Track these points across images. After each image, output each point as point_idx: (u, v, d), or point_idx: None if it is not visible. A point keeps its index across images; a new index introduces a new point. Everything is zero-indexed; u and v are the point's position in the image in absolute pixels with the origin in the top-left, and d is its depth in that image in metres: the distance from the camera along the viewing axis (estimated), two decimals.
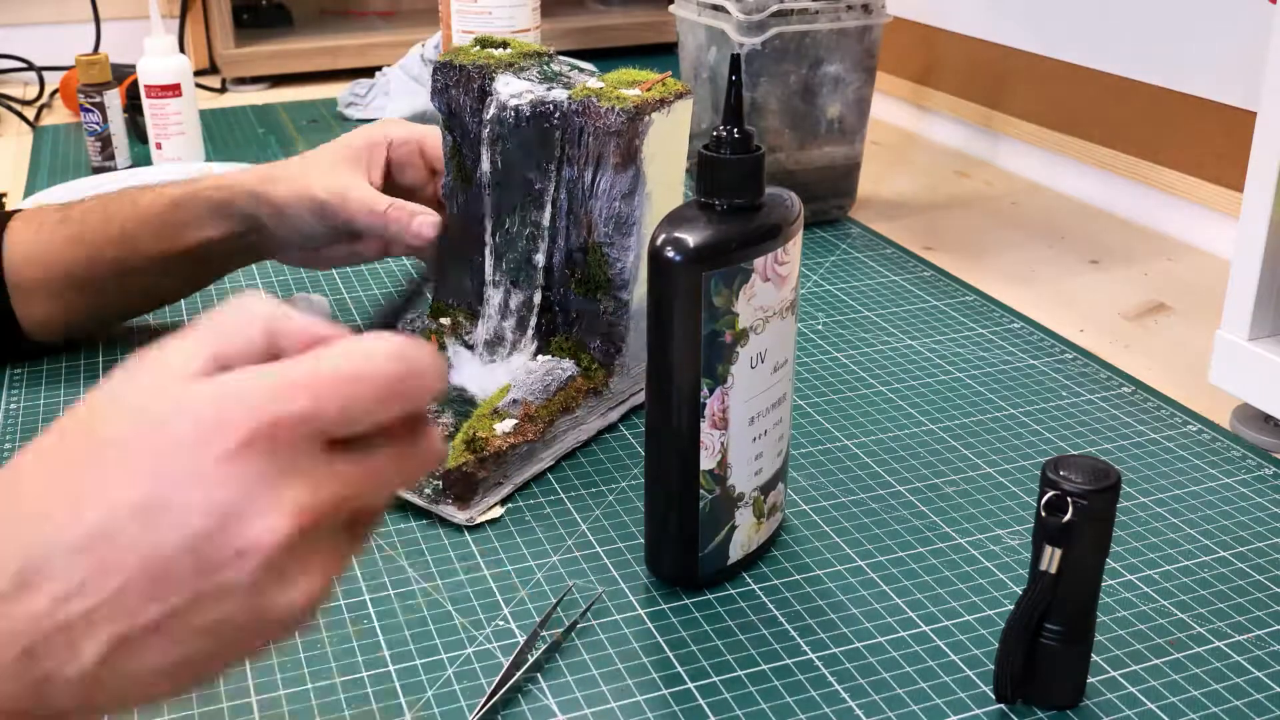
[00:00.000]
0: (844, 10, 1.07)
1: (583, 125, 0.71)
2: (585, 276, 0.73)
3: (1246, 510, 0.69)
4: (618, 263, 0.72)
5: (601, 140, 0.70)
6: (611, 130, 0.70)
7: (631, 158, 0.70)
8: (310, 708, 0.54)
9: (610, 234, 0.72)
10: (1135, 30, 1.14)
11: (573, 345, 0.75)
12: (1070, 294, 1.00)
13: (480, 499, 0.67)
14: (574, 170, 0.72)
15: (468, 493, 0.66)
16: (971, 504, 0.69)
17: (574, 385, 0.73)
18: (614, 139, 0.70)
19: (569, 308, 0.75)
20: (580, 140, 0.71)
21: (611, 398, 0.75)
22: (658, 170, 0.71)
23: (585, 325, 0.75)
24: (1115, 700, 0.54)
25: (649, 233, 0.70)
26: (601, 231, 0.72)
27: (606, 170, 0.71)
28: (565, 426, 0.72)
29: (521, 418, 0.69)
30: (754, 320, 0.57)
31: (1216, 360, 0.78)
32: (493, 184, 0.76)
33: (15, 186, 1.26)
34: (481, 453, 0.67)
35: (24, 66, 1.63)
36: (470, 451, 0.67)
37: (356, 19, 1.87)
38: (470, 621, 0.59)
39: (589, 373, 0.74)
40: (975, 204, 1.23)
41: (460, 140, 0.77)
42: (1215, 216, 1.09)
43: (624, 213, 0.71)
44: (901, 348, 0.89)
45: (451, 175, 0.78)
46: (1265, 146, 0.73)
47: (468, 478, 0.66)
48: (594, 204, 0.72)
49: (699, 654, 0.57)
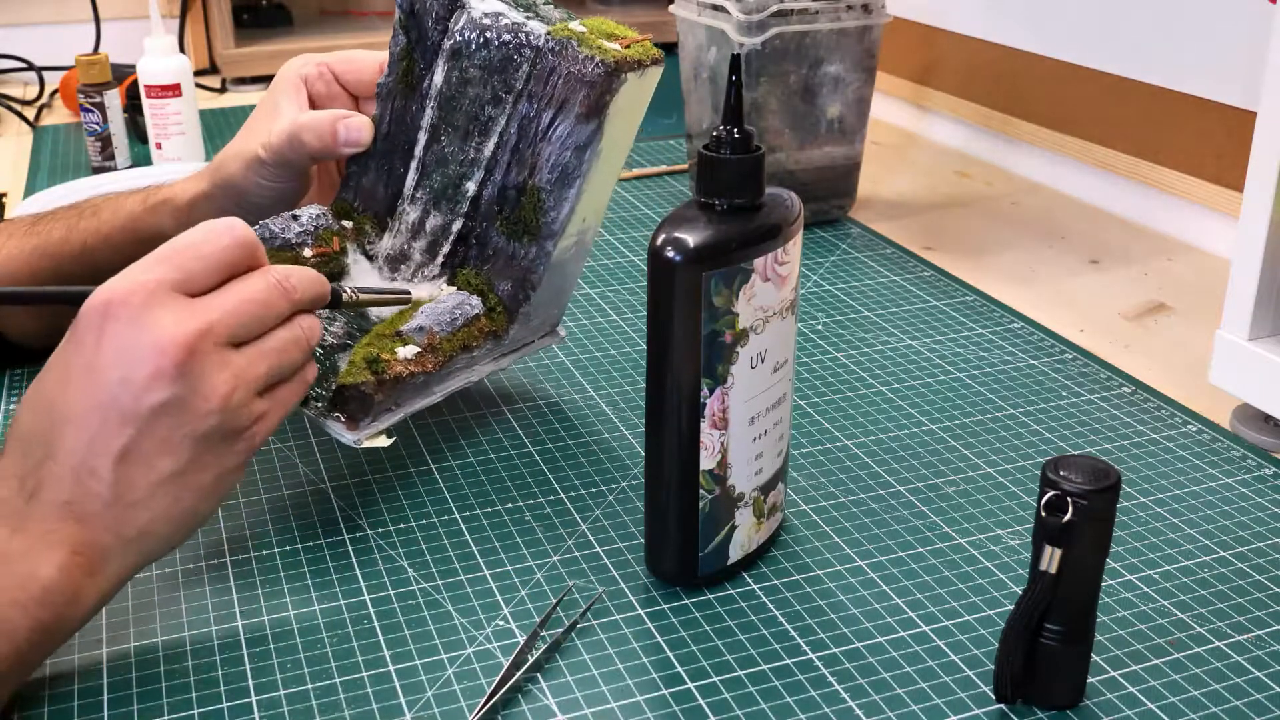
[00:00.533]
0: (844, 10, 1.07)
1: (555, 65, 0.69)
2: (515, 217, 0.71)
3: (1246, 510, 0.69)
4: (552, 211, 0.70)
5: (572, 86, 0.68)
6: (585, 79, 0.68)
7: (597, 112, 0.68)
8: (310, 708, 0.54)
9: (552, 181, 0.70)
10: (1135, 30, 1.14)
11: (481, 282, 0.73)
12: (1070, 294, 1.00)
13: (371, 423, 0.66)
14: (532, 107, 0.70)
15: (360, 412, 0.65)
16: (971, 504, 0.69)
17: (477, 324, 0.71)
18: (585, 89, 0.68)
19: (487, 244, 0.73)
20: (549, 80, 0.69)
21: (507, 343, 0.74)
22: (615, 130, 0.69)
23: (499, 265, 0.72)
24: (1115, 700, 0.54)
25: (590, 188, 0.69)
26: (544, 176, 0.70)
27: (568, 117, 0.69)
28: (460, 364, 0.71)
29: (425, 347, 0.68)
30: (754, 320, 0.57)
31: (1216, 360, 0.78)
32: (440, 98, 0.73)
33: (15, 186, 1.27)
34: (382, 375, 0.66)
35: (24, 66, 1.63)
36: (370, 372, 0.65)
37: (356, 19, 1.88)
38: (470, 621, 0.59)
39: (492, 314, 0.72)
40: (975, 204, 1.23)
41: (415, 44, 0.74)
42: (1215, 216, 1.09)
43: (572, 164, 0.69)
44: (901, 348, 0.89)
45: (394, 76, 0.75)
46: (1265, 146, 0.73)
47: (365, 398, 0.65)
48: (544, 147, 0.70)
49: (699, 654, 0.57)
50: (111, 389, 0.51)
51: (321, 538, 0.66)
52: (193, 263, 0.54)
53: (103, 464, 0.51)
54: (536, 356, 0.86)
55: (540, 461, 0.73)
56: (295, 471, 0.72)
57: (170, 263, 0.53)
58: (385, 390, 0.66)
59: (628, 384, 0.83)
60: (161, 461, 0.52)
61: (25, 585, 0.50)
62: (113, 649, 0.57)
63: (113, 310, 0.52)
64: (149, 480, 0.52)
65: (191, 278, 0.53)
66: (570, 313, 0.94)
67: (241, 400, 0.54)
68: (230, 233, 0.55)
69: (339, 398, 0.65)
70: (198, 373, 0.52)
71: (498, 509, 0.68)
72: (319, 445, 0.75)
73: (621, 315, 0.94)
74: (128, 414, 0.51)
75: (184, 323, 0.52)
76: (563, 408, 0.80)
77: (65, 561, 0.51)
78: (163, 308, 0.52)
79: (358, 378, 0.65)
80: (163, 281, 0.53)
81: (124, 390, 0.51)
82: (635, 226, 1.13)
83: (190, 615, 0.60)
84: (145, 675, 0.56)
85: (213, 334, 0.53)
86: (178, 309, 0.52)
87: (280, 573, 0.63)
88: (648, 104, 0.72)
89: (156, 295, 0.52)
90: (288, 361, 0.57)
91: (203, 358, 0.52)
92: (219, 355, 0.53)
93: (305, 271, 0.59)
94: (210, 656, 0.57)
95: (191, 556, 0.64)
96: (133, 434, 0.51)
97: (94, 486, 0.51)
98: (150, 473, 0.52)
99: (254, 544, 0.65)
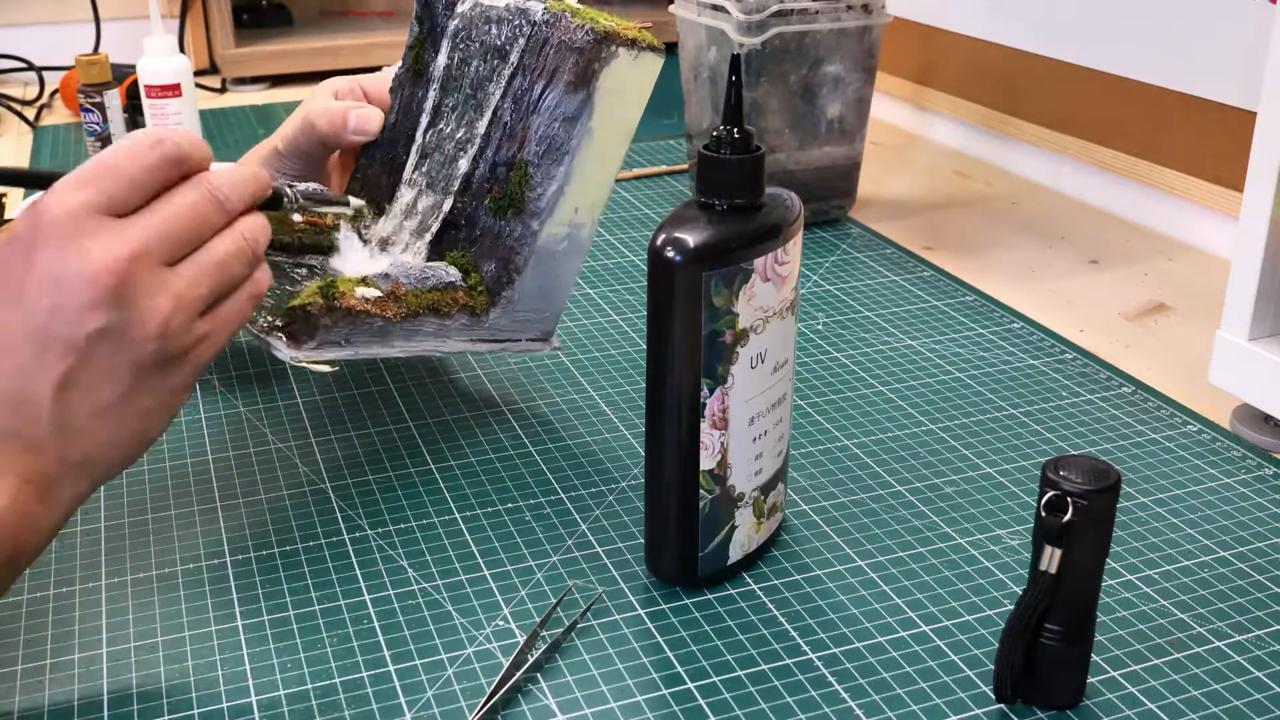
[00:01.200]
0: (844, 10, 1.07)
1: (548, 37, 0.69)
2: (502, 193, 0.71)
3: (1246, 510, 0.69)
4: (539, 187, 0.70)
5: (561, 54, 0.68)
6: (574, 46, 0.68)
7: (586, 80, 0.68)
8: (310, 708, 0.54)
9: (540, 155, 0.70)
10: (1135, 30, 1.14)
11: (466, 262, 0.73)
12: (1070, 294, 1.00)
13: (315, 347, 0.65)
14: (525, 80, 0.70)
15: (304, 332, 0.65)
16: (971, 504, 0.69)
17: (452, 293, 0.71)
18: (574, 55, 0.68)
19: (475, 224, 0.73)
20: (541, 51, 0.69)
21: (487, 329, 0.73)
22: (607, 111, 0.69)
23: (485, 246, 0.72)
24: (1115, 700, 0.54)
25: (580, 171, 0.69)
26: (533, 150, 0.70)
27: (557, 86, 0.69)
28: (430, 328, 0.70)
29: (387, 294, 0.68)
30: (754, 320, 0.57)
31: (1216, 360, 0.78)
32: (441, 79, 0.74)
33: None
34: (333, 301, 0.65)
35: (24, 66, 1.63)
36: (322, 297, 0.65)
37: (356, 19, 1.88)
38: (470, 621, 0.59)
39: (473, 291, 0.72)
40: (975, 204, 1.23)
41: (427, 33, 0.75)
42: (1215, 216, 1.09)
43: (560, 137, 0.69)
44: (901, 348, 0.89)
45: (406, 66, 0.76)
46: (1265, 146, 0.73)
47: (310, 317, 0.65)
48: (534, 119, 0.70)
49: (699, 654, 0.57)
50: (44, 317, 0.50)
51: (321, 538, 0.66)
52: (117, 185, 0.52)
53: (42, 392, 0.50)
54: (537, 357, 0.86)
55: (540, 461, 0.73)
56: (295, 471, 0.72)
57: (94, 185, 0.51)
58: (334, 318, 0.65)
59: (628, 384, 0.83)
60: (102, 389, 0.51)
61: None
62: (113, 649, 0.57)
63: (40, 238, 0.50)
64: (91, 408, 0.51)
65: (116, 199, 0.51)
66: (570, 313, 0.94)
67: (182, 324, 0.53)
68: (158, 148, 0.53)
69: (287, 317, 0.65)
70: (133, 298, 0.51)
71: (498, 509, 0.68)
72: (319, 445, 0.75)
73: (621, 315, 0.94)
74: (65, 343, 0.50)
75: (112, 248, 0.50)
76: (563, 408, 0.80)
77: (16, 491, 0.50)
78: (90, 236, 0.50)
79: (306, 300, 0.65)
80: (86, 205, 0.51)
81: (56, 319, 0.50)
82: (635, 226, 1.13)
83: (190, 615, 0.60)
84: (145, 675, 0.56)
85: (145, 256, 0.51)
86: (105, 235, 0.51)
87: (280, 573, 0.63)
88: (647, 97, 0.72)
89: (81, 221, 0.50)
90: (229, 276, 0.55)
91: (137, 281, 0.51)
92: (155, 277, 0.52)
93: (240, 172, 0.57)
94: (210, 656, 0.57)
95: (191, 556, 0.64)
96: (72, 362, 0.50)
97: (34, 415, 0.50)
98: (92, 400, 0.51)
99: (254, 544, 0.65)
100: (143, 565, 0.63)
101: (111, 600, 0.61)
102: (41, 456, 0.51)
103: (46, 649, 0.57)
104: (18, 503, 0.50)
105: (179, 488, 0.70)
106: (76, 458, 0.52)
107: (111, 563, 0.64)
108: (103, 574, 0.63)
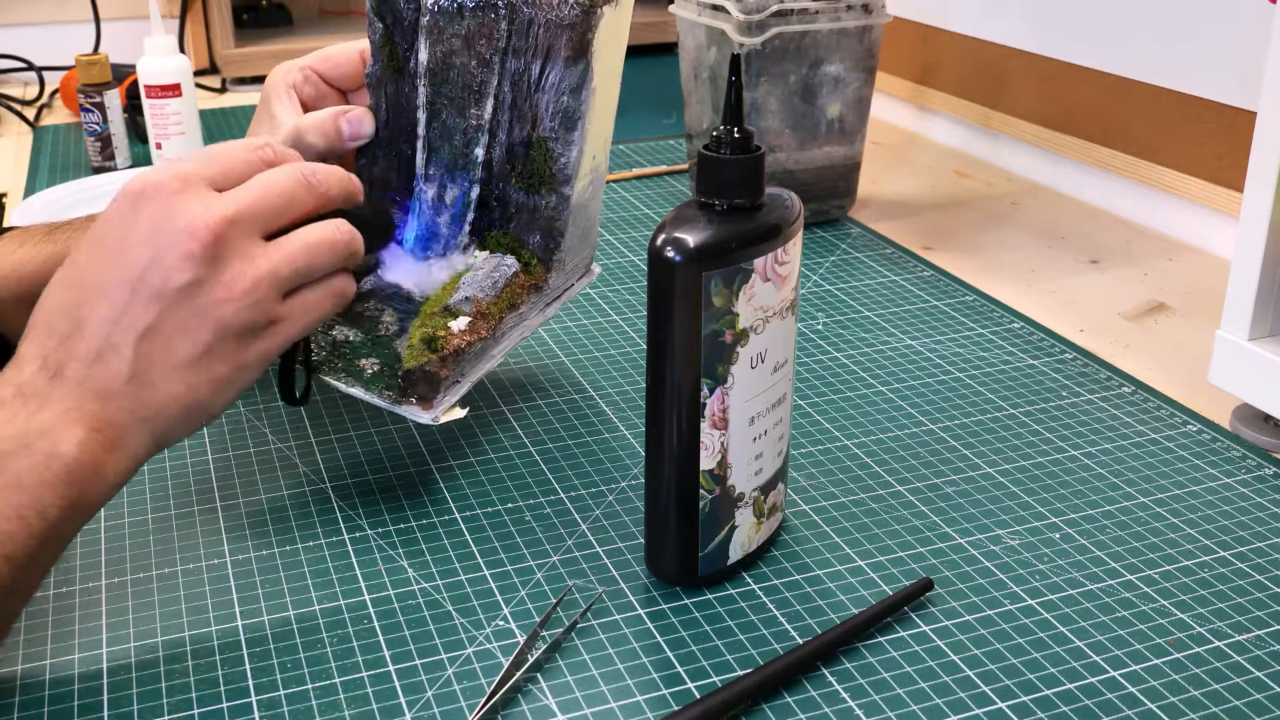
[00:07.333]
0: (844, 10, 1.07)
1: (532, 16, 0.69)
2: (528, 171, 0.72)
3: (1246, 510, 0.69)
4: (562, 157, 0.71)
5: (553, 33, 0.69)
6: (565, 23, 0.68)
7: (583, 51, 0.69)
8: (310, 708, 0.54)
9: (556, 128, 0.70)
10: (1135, 30, 1.14)
11: (510, 240, 0.73)
12: (1070, 294, 1.00)
13: (442, 399, 0.67)
14: (520, 62, 0.71)
15: (431, 392, 0.66)
16: (971, 504, 0.69)
17: (518, 281, 0.72)
18: (567, 32, 0.68)
19: (508, 203, 0.73)
20: (529, 32, 0.70)
21: (549, 292, 0.74)
22: (603, 64, 0.70)
23: (524, 220, 0.73)
24: (1115, 700, 0.54)
25: (592, 127, 0.70)
26: (547, 126, 0.70)
27: (556, 63, 0.69)
28: (511, 323, 0.72)
29: (475, 315, 0.69)
30: (754, 320, 0.57)
31: (1216, 360, 0.78)
32: (429, 75, 0.73)
33: (15, 186, 1.27)
34: (442, 351, 0.67)
35: (24, 66, 1.63)
36: (431, 351, 0.67)
37: (356, 19, 1.88)
38: (470, 621, 0.59)
39: (529, 268, 0.73)
40: (975, 204, 1.23)
41: (393, 27, 0.75)
42: (1215, 216, 1.09)
43: (571, 107, 0.70)
44: (901, 348, 0.89)
45: (380, 64, 0.75)
46: (1265, 146, 0.73)
47: (430, 377, 0.66)
48: (540, 98, 0.70)
49: (699, 654, 0.57)
50: (142, 265, 0.54)
51: (321, 538, 0.66)
52: (221, 164, 0.58)
53: (126, 339, 0.54)
54: (537, 357, 0.86)
55: (540, 461, 0.73)
56: (295, 471, 0.72)
57: (206, 161, 0.57)
58: (448, 365, 0.67)
59: (628, 384, 0.83)
60: (181, 343, 0.55)
61: (49, 464, 0.51)
62: (113, 649, 0.57)
63: (148, 192, 0.55)
64: (167, 361, 0.54)
65: (218, 176, 0.57)
66: (570, 313, 0.94)
67: (265, 295, 0.56)
68: (260, 150, 0.59)
69: (407, 382, 0.66)
70: (225, 259, 0.55)
71: (498, 509, 0.68)
72: (319, 445, 0.75)
73: (621, 315, 0.94)
74: (155, 291, 0.54)
75: (214, 208, 0.55)
76: (563, 408, 0.80)
77: (86, 438, 0.52)
78: (194, 196, 0.55)
79: (420, 359, 0.66)
80: (197, 173, 0.56)
81: (153, 268, 0.54)
82: (635, 226, 1.13)
83: (190, 615, 0.60)
84: (145, 675, 0.56)
85: (240, 222, 0.56)
86: (208, 197, 0.56)
87: (280, 573, 0.63)
88: (628, 29, 0.73)
89: (190, 183, 0.56)
90: (316, 263, 0.59)
91: (231, 243, 0.55)
92: (246, 245, 0.56)
93: (335, 169, 0.61)
94: (210, 656, 0.57)
95: (191, 556, 0.64)
96: (159, 311, 0.54)
97: (115, 363, 0.54)
98: (169, 354, 0.54)
99: (254, 544, 0.65)
100: (143, 565, 0.63)
101: (111, 600, 0.61)
102: (113, 405, 0.54)
103: (46, 649, 0.57)
104: (86, 450, 0.52)
105: (179, 488, 0.70)
106: (146, 411, 0.55)
107: (111, 563, 0.64)
108: (103, 574, 0.63)
